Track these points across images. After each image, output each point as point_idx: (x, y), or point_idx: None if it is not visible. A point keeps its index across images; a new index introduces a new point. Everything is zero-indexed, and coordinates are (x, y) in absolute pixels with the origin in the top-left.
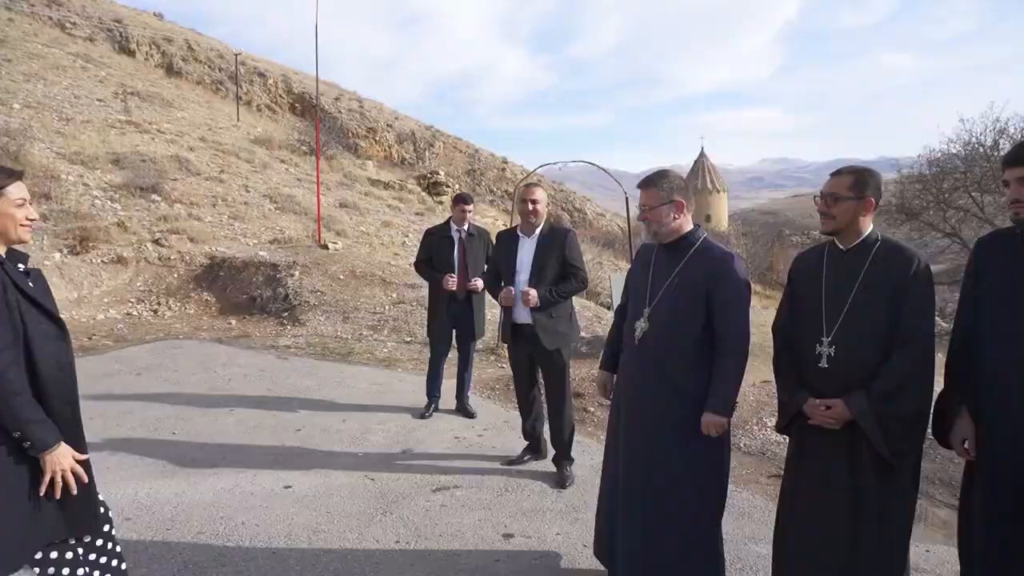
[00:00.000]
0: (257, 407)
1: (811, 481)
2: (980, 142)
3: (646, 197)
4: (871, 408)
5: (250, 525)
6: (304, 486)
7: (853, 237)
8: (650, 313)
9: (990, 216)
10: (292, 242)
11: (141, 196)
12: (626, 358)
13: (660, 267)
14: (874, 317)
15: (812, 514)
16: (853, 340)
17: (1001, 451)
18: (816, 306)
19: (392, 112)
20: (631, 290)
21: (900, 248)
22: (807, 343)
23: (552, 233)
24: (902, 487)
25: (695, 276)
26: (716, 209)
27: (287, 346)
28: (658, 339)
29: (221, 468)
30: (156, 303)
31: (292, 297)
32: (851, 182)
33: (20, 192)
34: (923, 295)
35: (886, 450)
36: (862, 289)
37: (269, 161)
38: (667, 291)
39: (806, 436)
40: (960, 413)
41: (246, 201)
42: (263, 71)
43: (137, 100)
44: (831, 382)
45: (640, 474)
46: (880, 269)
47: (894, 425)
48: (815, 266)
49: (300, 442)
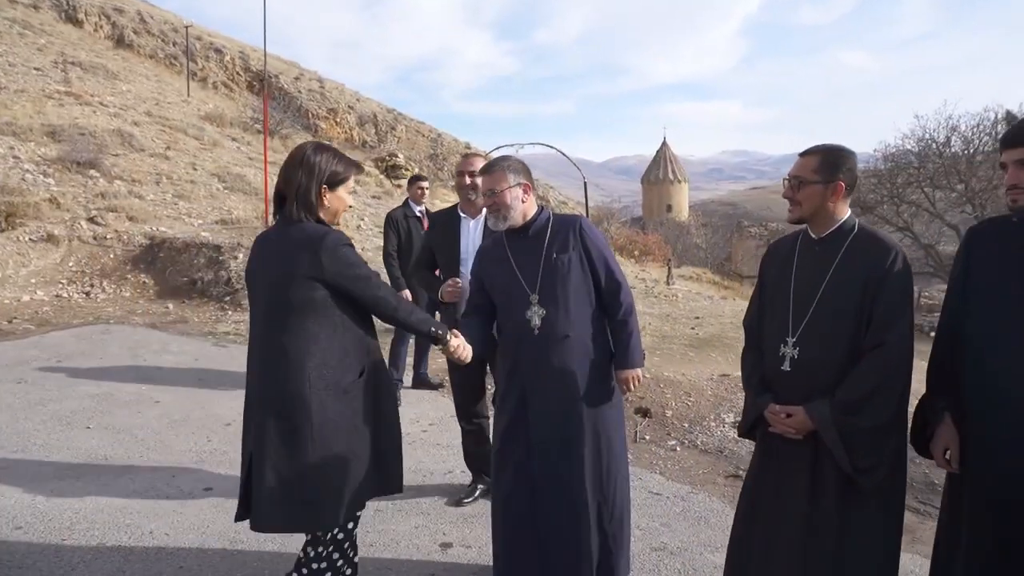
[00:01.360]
0: (186, 399)
1: (769, 493)
2: (933, 138)
3: (491, 181)
4: (833, 418)
5: (159, 534)
6: (226, 488)
7: (826, 225)
8: (540, 299)
9: (941, 211)
10: (240, 223)
11: (78, 171)
12: (522, 352)
13: (523, 255)
14: (843, 316)
15: (767, 529)
16: (818, 342)
17: (991, 463)
18: (784, 302)
19: (354, 94)
20: (498, 284)
21: (877, 238)
22: (772, 342)
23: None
24: (870, 510)
25: (565, 252)
26: (677, 199)
27: (226, 332)
28: (557, 324)
29: (136, 467)
30: (89, 285)
31: (235, 281)
32: (818, 163)
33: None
34: (899, 292)
35: (848, 465)
36: (832, 284)
37: (219, 139)
38: (546, 273)
39: (769, 443)
40: (943, 420)
41: (193, 180)
42: (220, 47)
43: (79, 71)
44: (794, 387)
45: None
46: (853, 262)
47: (859, 438)
48: (786, 256)
49: (228, 438)
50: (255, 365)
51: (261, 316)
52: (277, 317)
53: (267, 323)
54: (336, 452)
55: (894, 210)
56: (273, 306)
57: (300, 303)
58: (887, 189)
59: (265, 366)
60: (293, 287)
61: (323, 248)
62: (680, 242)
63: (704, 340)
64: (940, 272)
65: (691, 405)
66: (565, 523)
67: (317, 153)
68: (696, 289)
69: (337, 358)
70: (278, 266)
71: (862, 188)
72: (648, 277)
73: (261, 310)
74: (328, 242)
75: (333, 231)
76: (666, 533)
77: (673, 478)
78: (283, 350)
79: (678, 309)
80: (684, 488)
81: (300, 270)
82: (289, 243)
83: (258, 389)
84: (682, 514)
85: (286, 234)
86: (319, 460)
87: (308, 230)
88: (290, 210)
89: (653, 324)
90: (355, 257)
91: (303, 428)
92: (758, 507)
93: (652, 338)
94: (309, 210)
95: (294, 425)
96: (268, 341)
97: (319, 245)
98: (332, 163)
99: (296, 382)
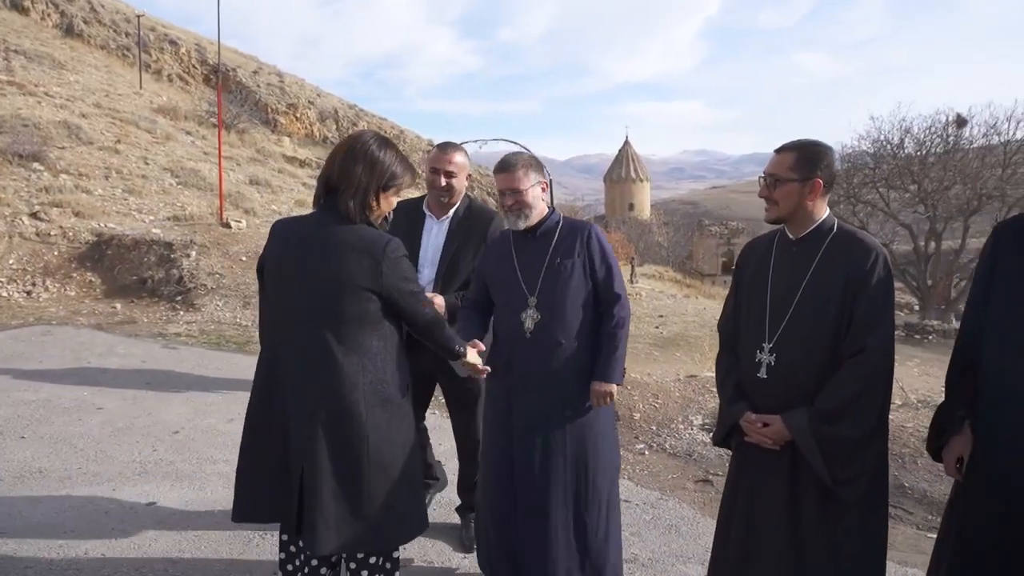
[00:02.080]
0: (131, 404)
1: (746, 505)
2: (888, 140)
3: (513, 181)
4: (811, 427)
5: (94, 554)
6: (172, 502)
7: (803, 225)
8: (537, 303)
9: (895, 211)
10: (193, 220)
11: (20, 164)
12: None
13: (526, 255)
14: (822, 320)
15: (746, 542)
16: (796, 349)
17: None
18: (760, 305)
19: (314, 89)
20: (498, 282)
21: (857, 238)
22: (748, 348)
23: (472, 216)
24: (852, 520)
25: (570, 258)
26: (639, 198)
27: (177, 334)
28: (550, 330)
29: (74, 480)
30: (31, 283)
31: (187, 280)
32: (794, 160)
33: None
34: (880, 295)
35: (828, 477)
36: (811, 286)
37: (173, 132)
38: (547, 277)
39: (745, 453)
40: (961, 429)
41: (144, 174)
42: (175, 39)
43: (23, 59)
44: (771, 395)
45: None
46: (833, 263)
47: (838, 448)
48: (763, 257)
49: (176, 447)
50: (294, 376)
51: (301, 322)
52: (327, 327)
53: (313, 331)
54: (395, 469)
55: (850, 210)
56: (323, 315)
57: (356, 315)
58: (843, 189)
59: (313, 378)
60: (349, 297)
61: (385, 257)
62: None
63: (668, 339)
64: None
65: (659, 407)
66: (537, 535)
67: (382, 149)
68: (659, 287)
69: (390, 373)
70: (330, 271)
71: None
72: None
73: (301, 315)
74: (390, 251)
75: (393, 238)
76: (636, 543)
77: (642, 483)
78: (336, 363)
79: (642, 308)
80: (653, 494)
81: (357, 280)
82: (343, 246)
83: (304, 401)
84: (652, 522)
85: (336, 234)
86: (379, 478)
87: (365, 234)
88: (345, 207)
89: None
90: (411, 269)
91: (360, 446)
92: (736, 520)
93: None
94: (367, 211)
95: (350, 443)
96: (315, 351)
97: (381, 253)
98: (395, 163)
99: (351, 399)
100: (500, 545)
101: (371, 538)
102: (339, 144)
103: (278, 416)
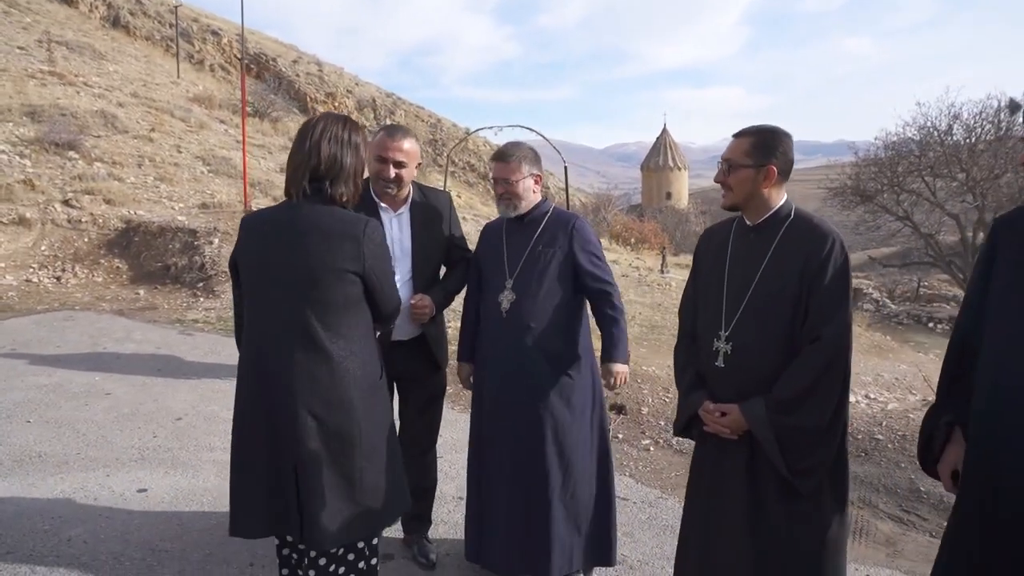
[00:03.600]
0: (139, 390)
1: (710, 495)
2: (935, 126)
3: (507, 171)
4: (768, 417)
5: (77, 542)
6: (162, 490)
7: (760, 211)
8: (514, 284)
9: (941, 200)
10: (222, 207)
11: (56, 152)
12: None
13: (513, 240)
14: (779, 307)
15: (707, 531)
16: (751, 337)
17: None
18: (717, 293)
19: (353, 78)
20: (486, 261)
21: (814, 224)
22: (705, 336)
23: (426, 200)
24: (810, 509)
25: (551, 247)
26: (676, 186)
27: (195, 320)
28: (523, 311)
29: (70, 465)
30: (60, 269)
31: (209, 266)
32: (749, 145)
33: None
34: (837, 282)
35: (784, 467)
36: (766, 275)
37: (207, 121)
38: (527, 262)
39: (706, 443)
40: (953, 437)
41: (176, 162)
42: (216, 29)
43: (64, 50)
44: (728, 384)
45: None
46: (789, 250)
47: (796, 439)
48: (720, 244)
49: (176, 433)
50: (282, 366)
51: (286, 310)
52: (313, 313)
53: (299, 319)
54: (383, 454)
55: (894, 199)
56: (307, 301)
57: (340, 299)
58: (887, 178)
59: (302, 367)
60: (332, 282)
61: (366, 238)
62: (679, 230)
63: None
64: (939, 262)
65: (668, 402)
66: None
67: (356, 131)
68: None
69: (372, 355)
70: (312, 256)
71: (862, 176)
72: (642, 265)
73: (285, 304)
74: (370, 231)
75: (371, 220)
76: (628, 544)
77: (643, 481)
78: (324, 351)
79: (670, 299)
80: (653, 492)
81: (340, 263)
82: (323, 230)
83: (293, 392)
84: (648, 522)
85: (314, 219)
86: (371, 464)
87: (343, 216)
88: (337, 194)
89: (644, 314)
90: (388, 253)
91: (353, 434)
92: (696, 508)
93: (641, 328)
94: (355, 194)
95: (344, 431)
96: (302, 339)
97: (362, 234)
98: (365, 145)
99: (343, 386)
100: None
101: (366, 526)
102: (307, 130)
103: (262, 417)
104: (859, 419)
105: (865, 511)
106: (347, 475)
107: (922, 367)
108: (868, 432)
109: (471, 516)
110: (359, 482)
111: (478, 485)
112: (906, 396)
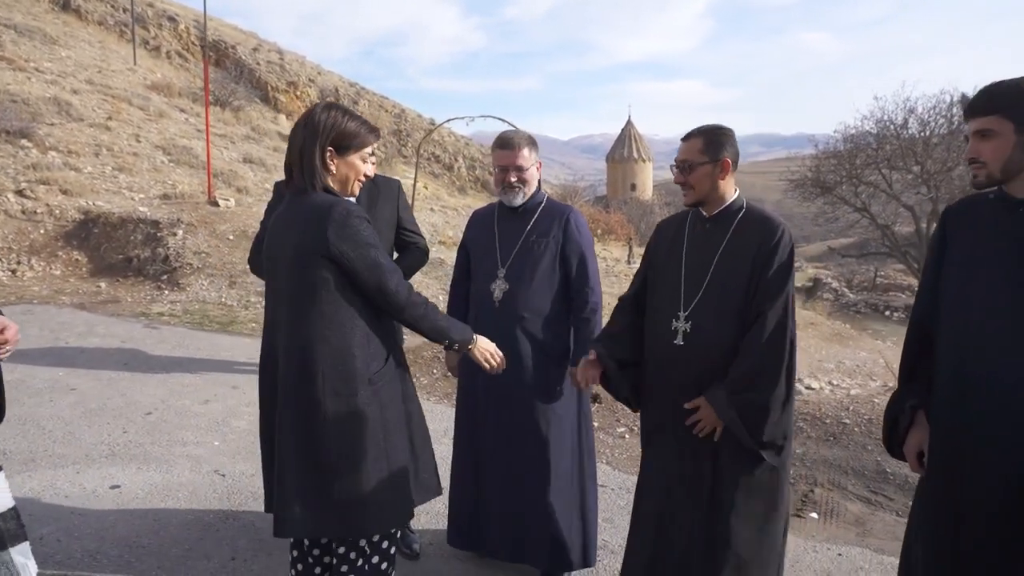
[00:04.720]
0: (105, 385)
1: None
2: (892, 120)
3: (519, 158)
4: (729, 400)
5: (50, 541)
6: (136, 486)
7: (715, 204)
8: (506, 274)
9: (897, 192)
10: (184, 198)
11: (7, 141)
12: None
13: (506, 228)
14: (733, 292)
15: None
16: (710, 316)
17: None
18: (674, 279)
19: (315, 67)
20: (477, 249)
21: (765, 216)
22: (663, 318)
23: (372, 184)
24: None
25: (544, 238)
26: (641, 178)
27: (160, 313)
28: (516, 301)
29: (37, 463)
30: (15, 262)
31: (173, 259)
32: (703, 144)
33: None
34: (781, 266)
35: (750, 442)
36: (722, 261)
37: (167, 109)
38: (520, 251)
39: (648, 413)
40: (916, 419)
41: (135, 152)
42: (173, 15)
43: (13, 34)
44: (688, 360)
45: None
46: (743, 239)
47: (755, 414)
48: (675, 237)
49: (147, 429)
50: (279, 352)
51: (283, 302)
52: (296, 302)
53: (289, 309)
54: (368, 451)
55: (852, 191)
56: (293, 290)
57: (314, 284)
58: (846, 170)
59: (287, 356)
60: (306, 266)
61: (330, 220)
62: (644, 221)
63: None
64: (895, 252)
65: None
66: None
67: (325, 111)
68: None
69: (359, 344)
70: (290, 244)
71: (822, 168)
72: (609, 256)
73: (284, 295)
74: (335, 214)
75: (342, 201)
76: (608, 530)
77: (620, 468)
78: (302, 338)
79: None
80: (631, 479)
81: (309, 247)
82: (298, 217)
83: (279, 379)
84: (626, 508)
85: (295, 207)
86: (348, 460)
87: (315, 200)
88: (299, 179)
89: (611, 304)
90: (367, 234)
91: (318, 426)
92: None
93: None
94: (313, 176)
95: (308, 423)
96: (291, 329)
97: (326, 217)
98: (342, 122)
99: (308, 374)
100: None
101: (340, 524)
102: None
103: (268, 416)
104: (826, 404)
105: (835, 493)
106: (318, 470)
107: (882, 354)
108: (836, 417)
109: (458, 502)
110: (335, 480)
111: (473, 472)
112: (867, 382)
